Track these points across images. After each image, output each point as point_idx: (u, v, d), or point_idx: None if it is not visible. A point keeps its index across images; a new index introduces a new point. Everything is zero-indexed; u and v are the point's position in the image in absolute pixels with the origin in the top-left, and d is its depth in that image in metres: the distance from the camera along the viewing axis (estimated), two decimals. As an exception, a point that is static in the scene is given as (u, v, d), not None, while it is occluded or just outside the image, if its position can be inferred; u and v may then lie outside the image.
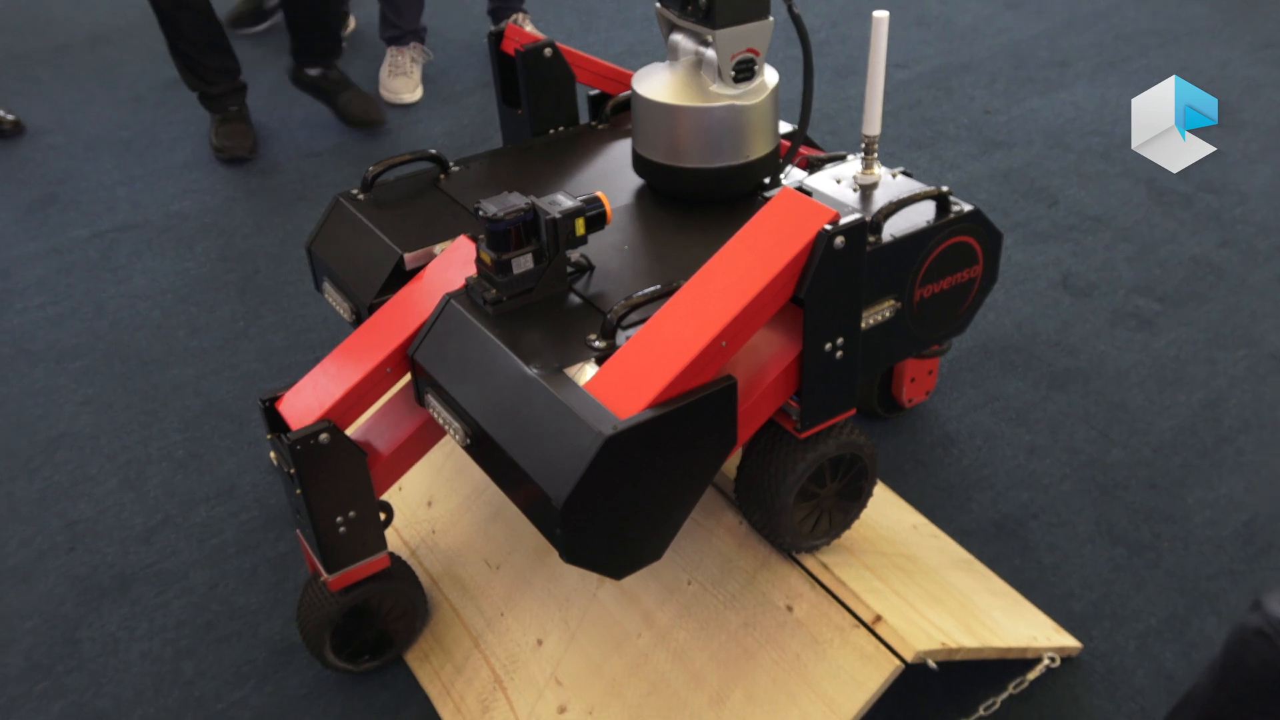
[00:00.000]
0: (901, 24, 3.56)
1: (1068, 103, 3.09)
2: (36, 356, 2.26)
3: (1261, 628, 1.04)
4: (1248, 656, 1.07)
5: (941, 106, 3.10)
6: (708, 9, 1.39)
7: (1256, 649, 1.05)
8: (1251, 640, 1.06)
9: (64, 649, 1.65)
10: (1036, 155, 2.84)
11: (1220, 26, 3.49)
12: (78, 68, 3.42)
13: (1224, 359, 2.13)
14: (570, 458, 1.09)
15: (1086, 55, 3.35)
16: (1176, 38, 3.43)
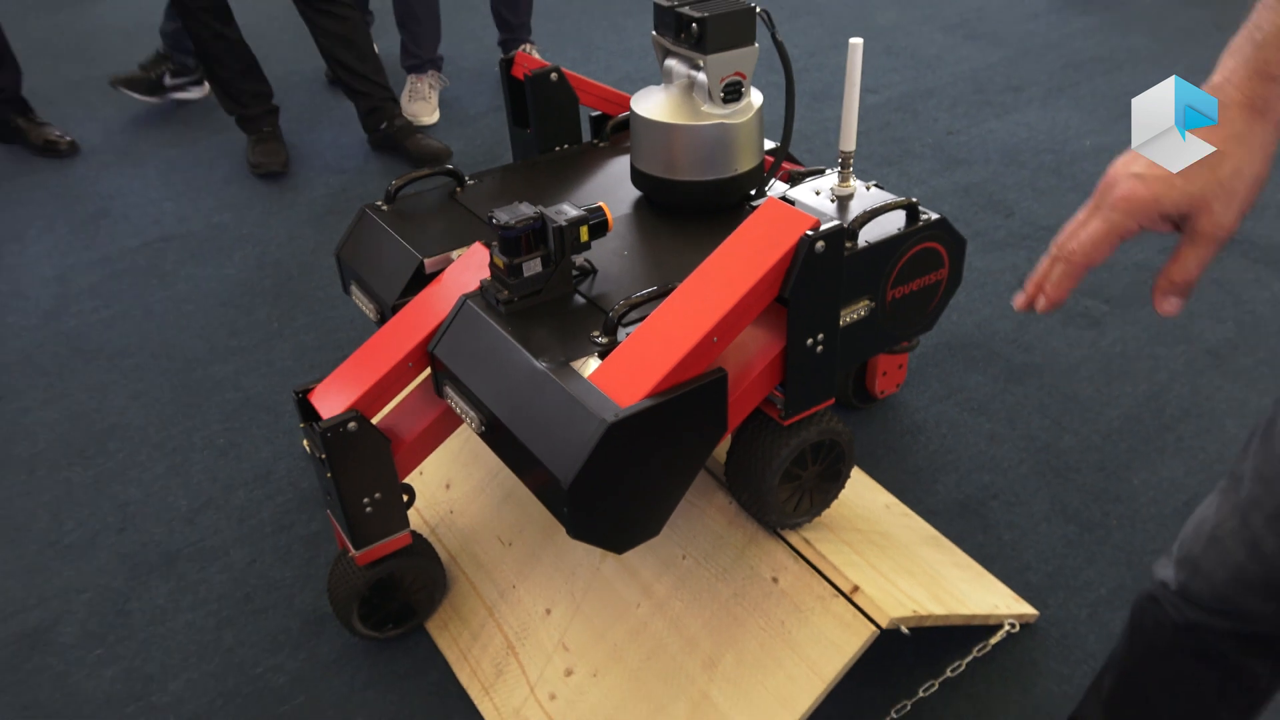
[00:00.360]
0: (872, 53, 3.55)
1: (1022, 124, 3.08)
2: (90, 355, 2.24)
3: (1152, 592, 1.05)
4: (1145, 619, 1.07)
5: (908, 127, 3.09)
6: (699, 36, 1.38)
7: (1150, 612, 1.05)
8: (1146, 605, 1.06)
9: (115, 620, 1.64)
10: (994, 171, 2.83)
11: (1160, 54, 3.49)
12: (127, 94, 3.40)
13: (1164, 355, 2.13)
14: (576, 442, 1.08)
15: (1039, 81, 3.34)
16: (1120, 65, 3.42)
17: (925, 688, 1.44)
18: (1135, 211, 0.73)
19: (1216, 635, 0.97)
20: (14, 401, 2.11)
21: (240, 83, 2.84)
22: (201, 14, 2.65)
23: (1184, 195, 0.71)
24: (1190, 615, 0.97)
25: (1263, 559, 0.87)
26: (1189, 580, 0.96)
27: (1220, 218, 0.71)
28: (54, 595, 1.68)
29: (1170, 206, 0.72)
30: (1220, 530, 0.91)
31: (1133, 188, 0.73)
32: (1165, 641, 1.03)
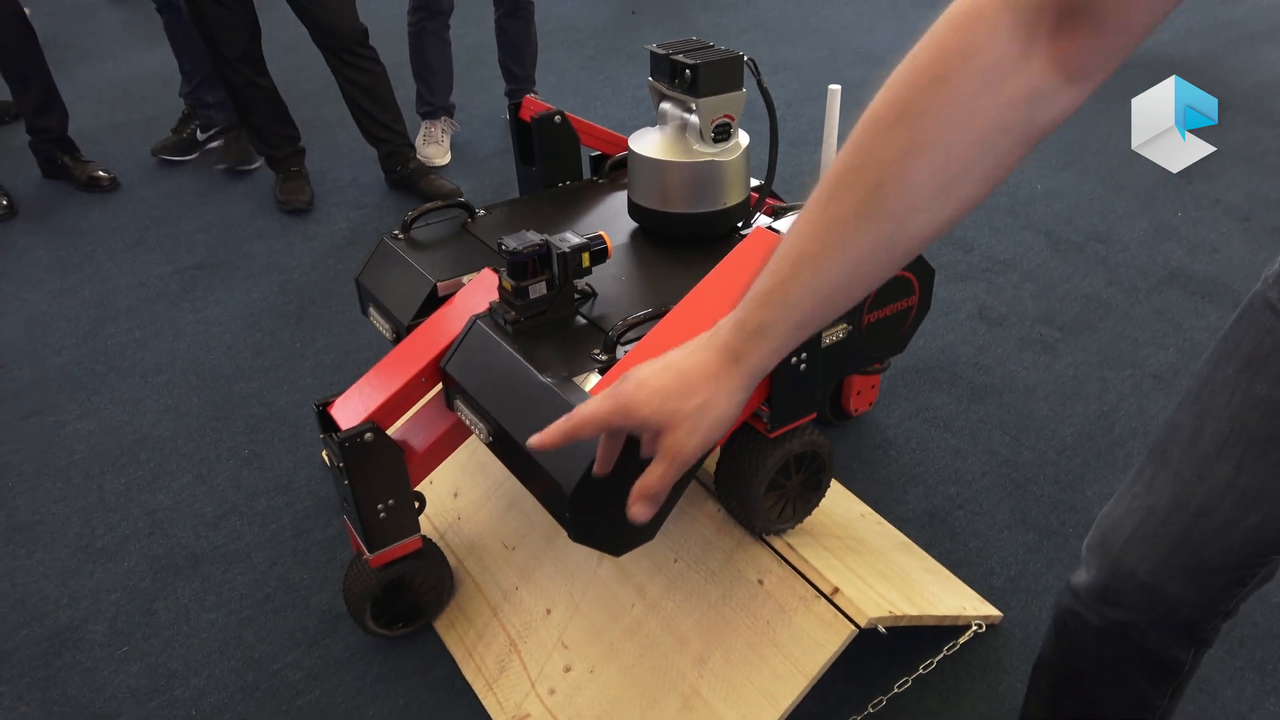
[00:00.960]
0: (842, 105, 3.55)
1: (980, 169, 3.08)
2: (124, 372, 2.20)
3: (1069, 603, 1.01)
4: (1068, 629, 1.04)
5: (877, 172, 3.09)
6: (692, 81, 1.37)
7: (1072, 621, 1.02)
8: (1066, 617, 1.03)
9: (142, 618, 1.59)
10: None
11: (1104, 109, 3.50)
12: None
13: (1114, 378, 2.11)
14: (578, 451, 1.05)
15: (995, 132, 3.35)
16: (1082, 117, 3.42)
17: (900, 684, 1.41)
18: (619, 409, 0.72)
19: (1141, 630, 0.95)
20: (53, 415, 2.07)
21: (271, 127, 2.81)
22: (239, 64, 2.63)
23: (656, 412, 0.70)
24: (1113, 616, 0.95)
25: (1188, 549, 0.86)
26: (1110, 580, 0.93)
27: (682, 442, 0.70)
28: (85, 596, 1.63)
29: (646, 415, 0.70)
30: (1141, 530, 0.89)
31: (628, 390, 0.72)
32: (1091, 646, 1.01)
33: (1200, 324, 2.28)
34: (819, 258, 0.63)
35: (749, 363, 0.69)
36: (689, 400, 0.70)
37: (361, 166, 3.15)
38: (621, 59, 4.13)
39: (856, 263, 0.63)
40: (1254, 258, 2.55)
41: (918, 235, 0.62)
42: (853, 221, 0.62)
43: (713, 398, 0.70)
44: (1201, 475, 0.84)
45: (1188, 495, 0.85)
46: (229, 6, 2.52)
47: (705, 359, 0.70)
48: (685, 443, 0.70)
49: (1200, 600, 0.90)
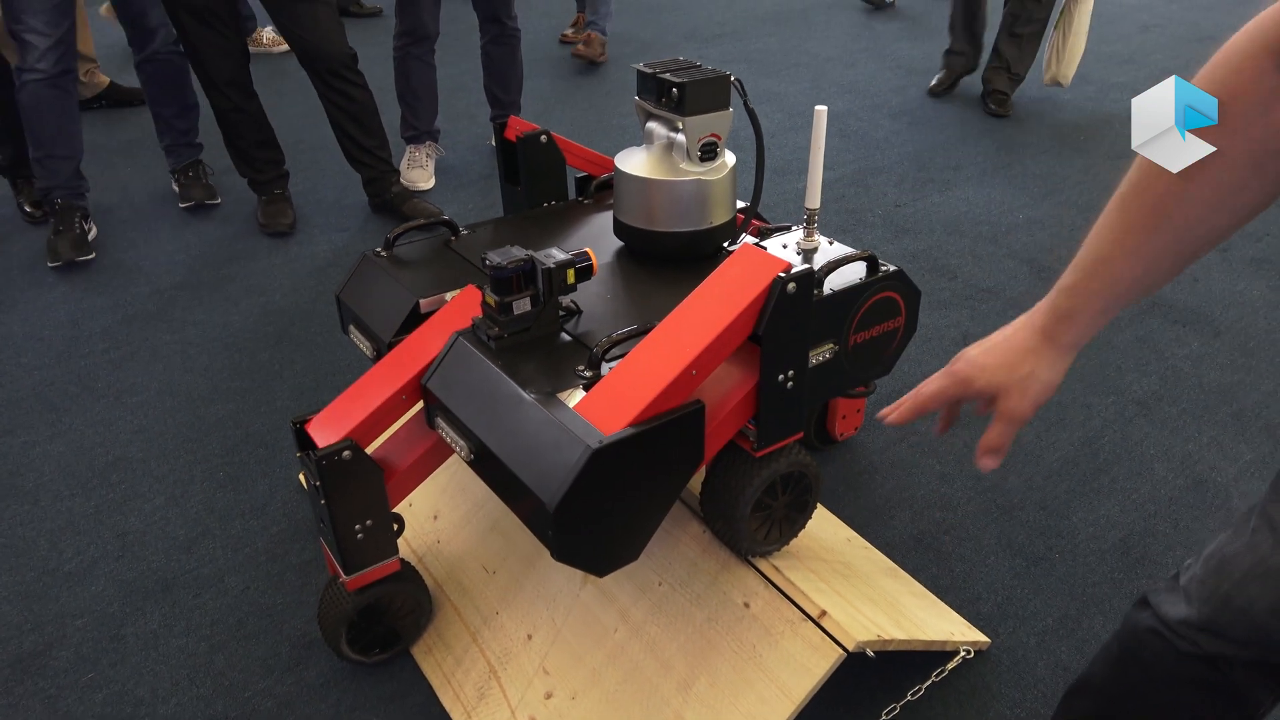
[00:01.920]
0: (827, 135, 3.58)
1: (962, 199, 3.11)
2: (98, 393, 2.15)
3: (1155, 627, 0.99)
4: (1143, 652, 1.01)
5: (861, 200, 3.11)
6: (679, 100, 1.37)
7: (1151, 645, 1.00)
8: (1145, 638, 1.01)
9: (109, 644, 1.54)
10: (938, 240, 2.85)
11: (1082, 141, 3.55)
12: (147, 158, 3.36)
13: (1097, 404, 2.11)
14: (561, 467, 1.03)
15: (976, 162, 3.39)
16: (1046, 149, 3.48)
17: (888, 710, 1.38)
18: (959, 383, 0.89)
19: (1234, 666, 0.93)
20: (22, 435, 2.02)
21: (256, 151, 2.80)
22: (226, 88, 2.62)
23: (989, 383, 0.87)
24: (1210, 648, 0.93)
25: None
26: (1217, 615, 0.91)
27: (1015, 406, 0.86)
28: (50, 620, 1.58)
29: (982, 387, 0.87)
30: (1261, 568, 0.87)
31: (962, 367, 0.89)
32: (1166, 672, 0.98)
33: (1182, 352, 2.29)
34: (1114, 260, 0.77)
35: (1062, 341, 0.83)
36: (1016, 371, 0.85)
37: (344, 190, 3.14)
38: (608, 86, 4.16)
39: (1146, 264, 0.76)
40: (1233, 287, 2.57)
41: (1202, 240, 0.73)
42: (1141, 231, 0.74)
43: (1036, 368, 0.84)
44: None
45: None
46: (218, 31, 2.52)
47: (1025, 337, 0.85)
48: (1018, 405, 0.86)
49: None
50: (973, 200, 3.10)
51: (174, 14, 2.48)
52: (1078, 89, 4.08)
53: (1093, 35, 4.88)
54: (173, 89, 2.90)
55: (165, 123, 2.96)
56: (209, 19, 2.48)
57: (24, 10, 2.36)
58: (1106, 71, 4.31)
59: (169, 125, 2.97)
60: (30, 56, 2.41)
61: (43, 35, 2.39)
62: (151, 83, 2.87)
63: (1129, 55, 4.54)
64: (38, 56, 2.41)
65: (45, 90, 2.48)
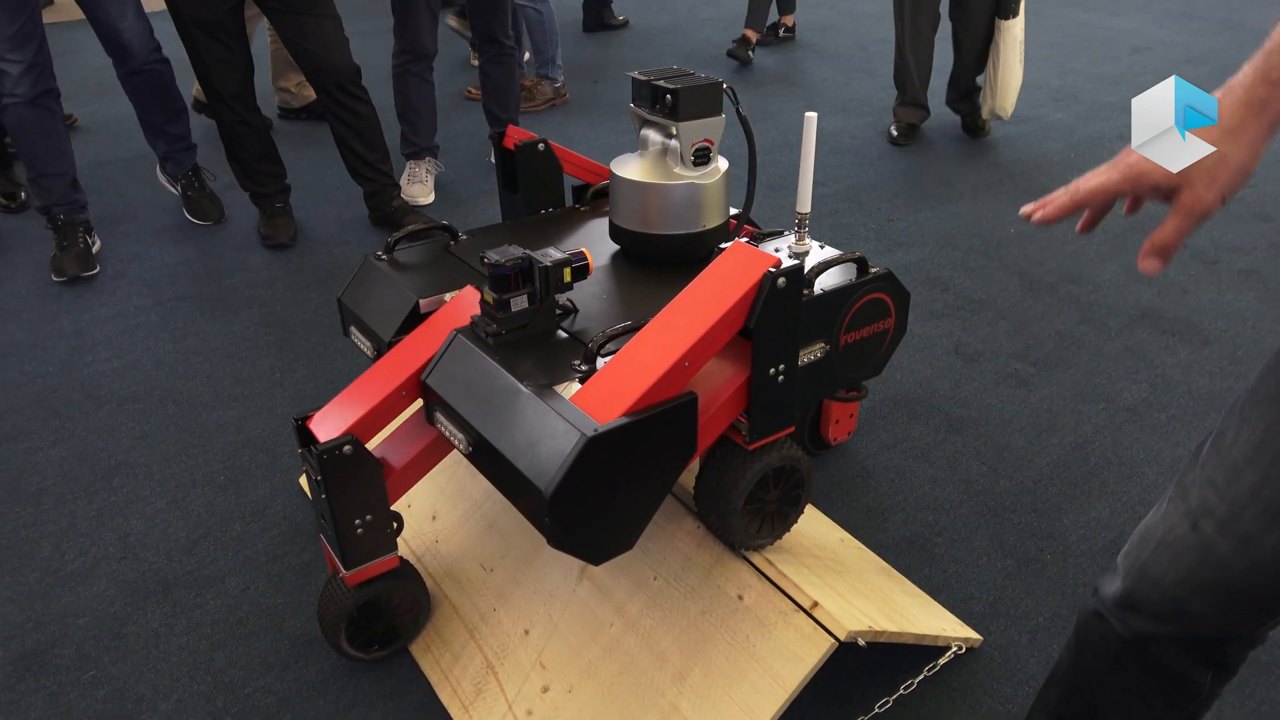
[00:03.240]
0: (822, 153, 3.64)
1: (953, 214, 3.16)
2: (101, 400, 2.18)
3: (1097, 609, 1.02)
4: (1090, 635, 1.04)
5: (854, 215, 3.16)
6: (673, 106, 1.41)
7: (1096, 628, 1.02)
8: (1091, 621, 1.03)
9: (111, 643, 1.55)
10: (930, 253, 2.89)
11: (1072, 159, 3.61)
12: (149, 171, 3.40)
13: (1088, 411, 2.14)
14: (557, 455, 1.06)
15: (967, 178, 3.44)
16: (1038, 167, 3.54)
17: (881, 704, 1.40)
18: (1132, 177, 0.77)
19: (1162, 644, 0.94)
20: (25, 441, 2.04)
21: (259, 164, 2.84)
22: (231, 100, 2.67)
23: (1169, 174, 0.75)
24: (1136, 625, 0.94)
25: (1212, 563, 0.85)
26: (1135, 586, 0.93)
27: (1201, 195, 0.74)
28: (52, 620, 1.60)
29: (1160, 179, 0.75)
30: (1170, 536, 0.89)
31: (1137, 159, 0.77)
32: (1111, 655, 1.00)
33: (1171, 361, 2.32)
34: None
35: (1272, 110, 0.71)
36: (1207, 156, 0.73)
37: (345, 204, 3.18)
38: (603, 106, 4.22)
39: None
40: (1222, 299, 2.61)
41: None
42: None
43: (1231, 150, 0.73)
44: (1229, 482, 0.83)
45: (1215, 503, 0.84)
46: (225, 44, 2.57)
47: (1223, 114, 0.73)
48: (1203, 195, 0.74)
49: (1223, 620, 0.89)
50: (964, 215, 3.14)
51: (182, 27, 2.53)
52: (1068, 109, 4.14)
53: (1086, 56, 4.97)
54: (161, 96, 2.93)
55: (158, 130, 2.99)
56: (217, 32, 2.54)
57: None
58: (1097, 92, 4.38)
59: (162, 132, 3.00)
60: (6, 83, 2.45)
61: (13, 62, 2.43)
62: (140, 94, 2.89)
63: (1119, 77, 4.62)
64: (14, 82, 2.45)
65: (26, 111, 2.51)
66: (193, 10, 2.50)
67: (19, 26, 2.43)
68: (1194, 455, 0.90)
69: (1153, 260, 0.78)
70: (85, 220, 2.76)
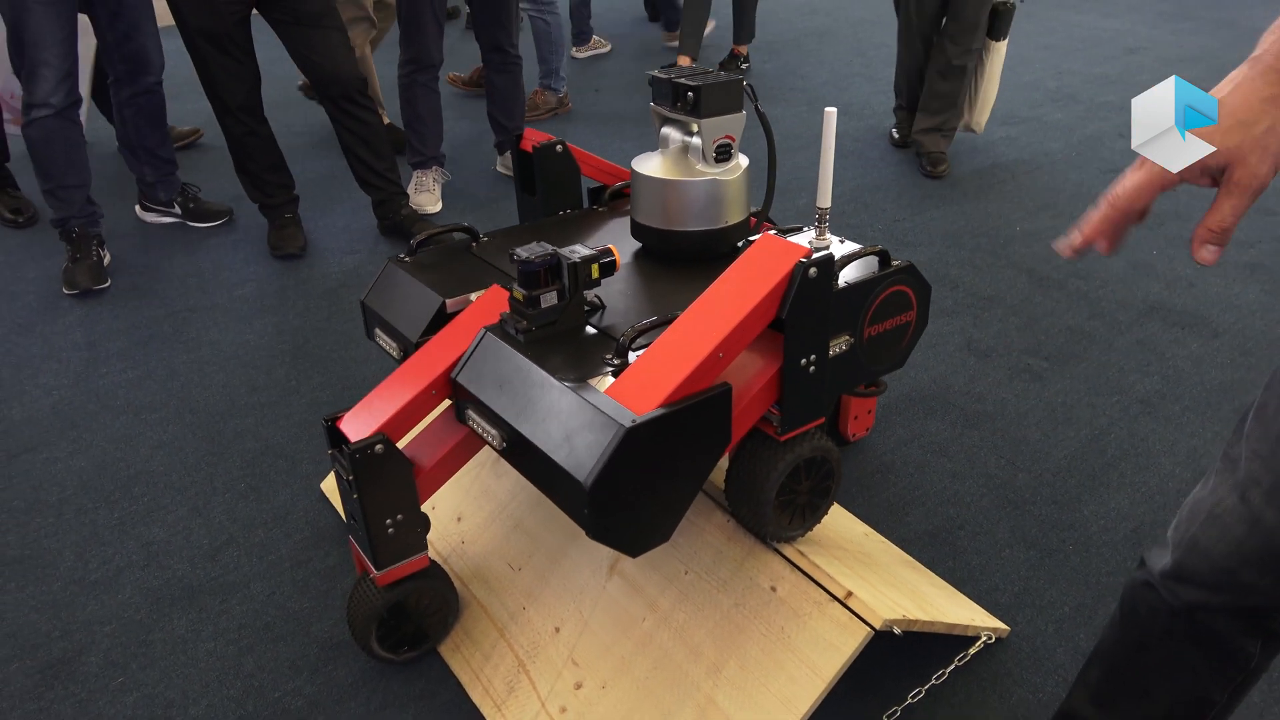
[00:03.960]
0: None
1: (959, 213, 3.17)
2: (117, 410, 2.18)
3: (1147, 579, 1.02)
4: (1139, 606, 1.04)
5: (861, 216, 3.17)
6: (695, 103, 1.42)
7: (1144, 598, 1.03)
8: (1140, 592, 1.04)
9: (138, 649, 1.55)
10: (938, 252, 2.90)
11: (1073, 158, 3.63)
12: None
13: (1102, 404, 2.15)
14: (597, 446, 1.06)
15: (971, 179, 3.46)
16: (1039, 166, 3.56)
17: (913, 694, 1.40)
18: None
19: (1212, 613, 0.95)
20: (44, 452, 2.04)
21: (268, 175, 2.85)
22: (239, 113, 2.67)
23: (1222, 149, 0.71)
24: (1186, 596, 0.95)
25: (1261, 532, 0.86)
26: (1185, 558, 0.94)
27: (1255, 169, 0.71)
28: (78, 628, 1.59)
29: (1209, 159, 0.71)
30: (1219, 508, 0.90)
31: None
32: (1160, 627, 1.01)
33: (1182, 353, 2.34)
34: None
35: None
36: (1253, 129, 0.70)
37: (353, 215, 3.19)
38: (606, 114, 4.24)
39: None
40: (1229, 291, 2.63)
41: None
42: None
43: (1278, 119, 0.69)
44: (1274, 453, 0.84)
45: (1261, 473, 0.85)
46: (234, 57, 2.58)
47: (1256, 87, 0.70)
48: (1257, 169, 0.71)
49: (1273, 589, 0.89)
50: (969, 214, 3.16)
51: (191, 40, 2.54)
52: (1067, 109, 4.17)
53: (1082, 56, 5.01)
54: (160, 118, 2.95)
55: (149, 154, 2.99)
56: (226, 45, 2.55)
57: (37, 43, 2.42)
58: (1094, 91, 4.41)
59: (153, 156, 2.99)
60: (42, 90, 2.46)
61: (54, 68, 2.44)
62: (141, 116, 2.89)
63: (1116, 76, 4.65)
64: (50, 90, 2.46)
65: (54, 123, 2.52)
66: (201, 23, 2.51)
67: (66, 32, 2.45)
68: (1237, 428, 0.91)
69: (1209, 249, 0.74)
70: (99, 233, 2.77)
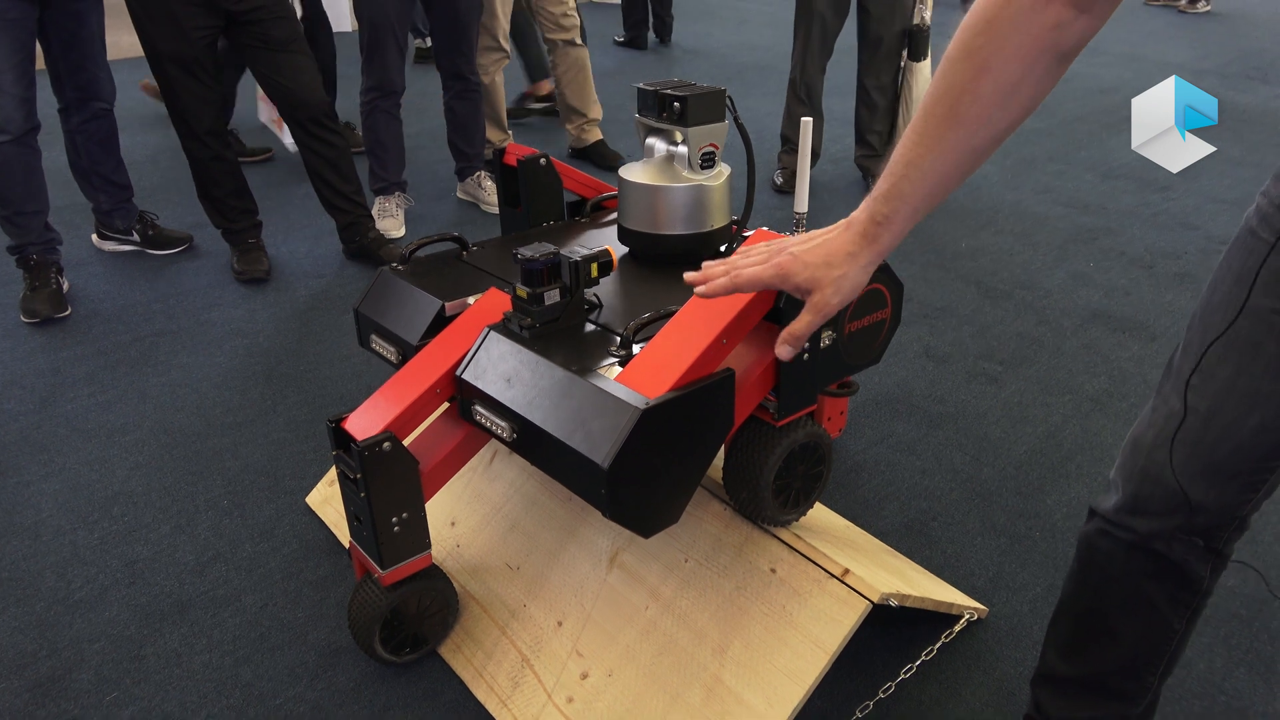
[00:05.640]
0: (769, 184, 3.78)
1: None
2: (89, 434, 2.14)
3: (1100, 527, 1.12)
4: (1095, 554, 1.13)
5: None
6: (682, 113, 1.49)
7: (1099, 545, 1.12)
8: (1094, 540, 1.13)
9: (130, 664, 1.53)
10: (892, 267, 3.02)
11: (1009, 178, 3.82)
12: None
13: (1055, 403, 2.27)
14: (612, 430, 1.11)
15: (917, 199, 3.60)
16: (978, 187, 3.73)
17: (905, 670, 1.46)
18: (780, 275, 0.97)
19: (1166, 541, 1.04)
20: (14, 476, 2.00)
21: (232, 200, 2.84)
22: (205, 137, 2.67)
23: (808, 278, 0.96)
24: (1142, 527, 1.05)
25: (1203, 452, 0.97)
26: (1139, 489, 1.04)
27: (827, 298, 0.96)
28: (66, 645, 1.56)
29: (800, 281, 0.96)
30: (1161, 437, 1.01)
31: (785, 260, 0.97)
32: (1118, 568, 1.10)
33: (1125, 354, 2.48)
34: (921, 159, 0.87)
35: (880, 243, 0.93)
36: (833, 270, 0.95)
37: (317, 240, 3.19)
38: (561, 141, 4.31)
39: (951, 160, 0.86)
40: (1162, 299, 2.79)
41: (991, 134, 0.85)
42: (942, 129, 0.85)
43: (850, 270, 0.95)
44: (1206, 381, 0.95)
45: (1197, 401, 0.97)
46: (201, 81, 2.59)
47: (844, 241, 0.94)
48: (829, 300, 0.96)
49: (1218, 505, 1.00)
50: (917, 232, 3.30)
51: (159, 65, 2.54)
52: (1000, 134, 4.38)
53: (1008, 88, 5.26)
54: (113, 143, 2.91)
55: (105, 181, 2.94)
56: (194, 69, 2.55)
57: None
58: (1024, 119, 4.64)
59: (109, 183, 2.95)
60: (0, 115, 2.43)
61: (10, 95, 2.42)
62: (93, 142, 2.85)
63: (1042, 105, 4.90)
64: (6, 116, 2.43)
65: (12, 149, 2.48)
66: (170, 48, 2.52)
67: (21, 57, 2.42)
68: (1166, 369, 1.03)
69: (784, 347, 1.01)
70: (57, 261, 2.72)
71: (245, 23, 2.57)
